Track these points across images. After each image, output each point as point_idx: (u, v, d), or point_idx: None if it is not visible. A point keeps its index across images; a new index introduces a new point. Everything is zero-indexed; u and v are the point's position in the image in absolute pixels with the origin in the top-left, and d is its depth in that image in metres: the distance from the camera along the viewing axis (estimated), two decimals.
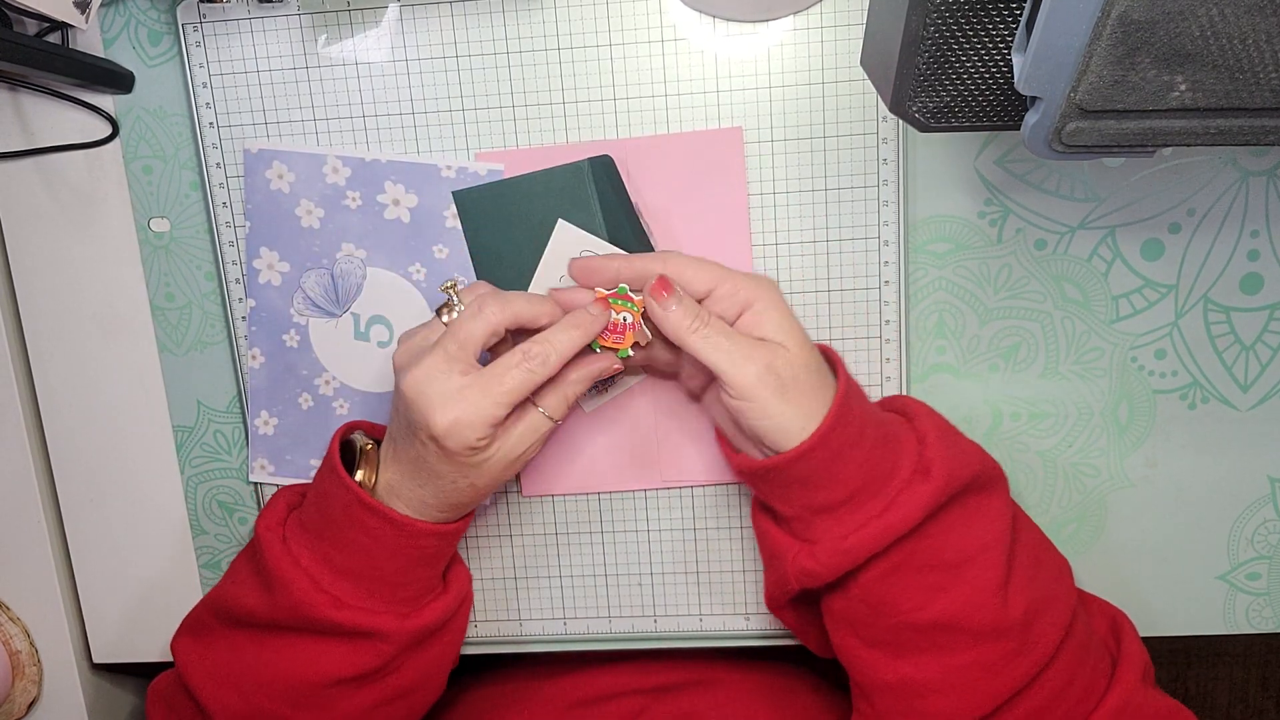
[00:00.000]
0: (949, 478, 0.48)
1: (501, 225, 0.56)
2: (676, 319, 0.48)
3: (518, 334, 0.52)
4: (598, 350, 0.52)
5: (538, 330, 0.50)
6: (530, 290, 0.55)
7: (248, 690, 0.53)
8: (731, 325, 0.49)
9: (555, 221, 0.55)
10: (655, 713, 0.60)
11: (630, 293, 0.51)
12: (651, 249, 0.56)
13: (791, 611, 0.55)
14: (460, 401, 0.48)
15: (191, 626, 0.57)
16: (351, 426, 0.56)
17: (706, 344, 0.48)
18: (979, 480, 0.50)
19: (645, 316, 0.51)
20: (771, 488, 0.51)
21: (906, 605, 0.49)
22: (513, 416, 0.50)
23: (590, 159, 0.55)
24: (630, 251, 0.55)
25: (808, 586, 0.51)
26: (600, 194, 0.54)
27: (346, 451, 0.54)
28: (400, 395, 0.49)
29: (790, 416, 0.48)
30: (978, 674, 0.48)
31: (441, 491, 0.51)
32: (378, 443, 0.55)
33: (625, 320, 0.51)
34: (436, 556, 0.54)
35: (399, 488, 0.52)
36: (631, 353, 0.52)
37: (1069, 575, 0.53)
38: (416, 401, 0.48)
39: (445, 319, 0.51)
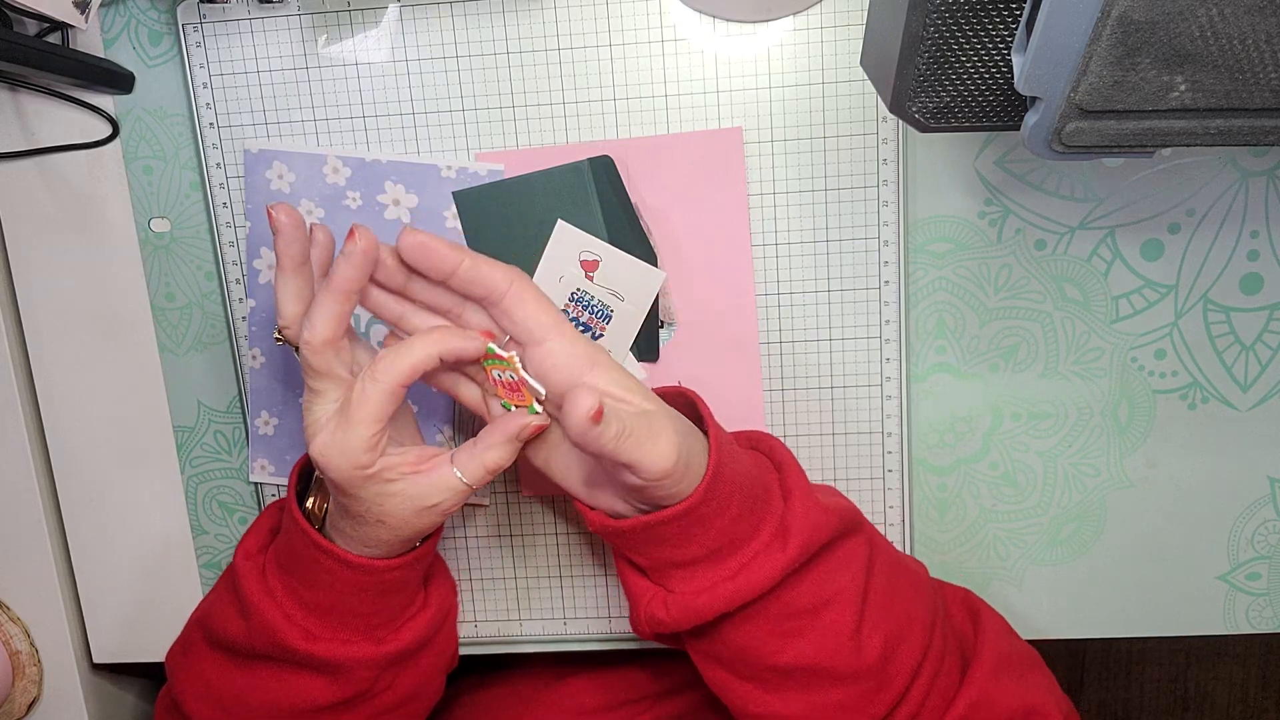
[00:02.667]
0: (806, 544, 0.48)
1: (501, 225, 0.56)
2: (609, 436, 0.43)
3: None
4: (508, 409, 0.49)
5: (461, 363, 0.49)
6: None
7: (237, 712, 0.53)
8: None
9: (555, 221, 0.55)
10: (660, 714, 0.60)
11: (498, 350, 0.47)
12: (651, 250, 0.56)
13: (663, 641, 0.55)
14: (328, 426, 0.46)
15: (183, 643, 0.57)
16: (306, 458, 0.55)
17: (628, 443, 0.44)
18: (837, 535, 0.50)
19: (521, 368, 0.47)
20: (629, 543, 0.50)
21: (764, 650, 0.49)
22: (427, 464, 0.48)
23: (590, 159, 0.55)
24: (631, 253, 0.55)
25: (659, 633, 0.51)
26: (600, 194, 0.55)
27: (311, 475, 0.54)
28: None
29: (687, 481, 0.46)
30: (840, 713, 0.49)
31: (361, 528, 0.49)
32: None
33: (511, 378, 0.48)
34: (402, 585, 0.52)
35: (336, 523, 0.51)
36: (539, 409, 0.48)
37: (924, 584, 0.54)
38: (309, 432, 0.47)
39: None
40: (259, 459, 0.61)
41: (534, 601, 0.63)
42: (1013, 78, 0.38)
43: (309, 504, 0.53)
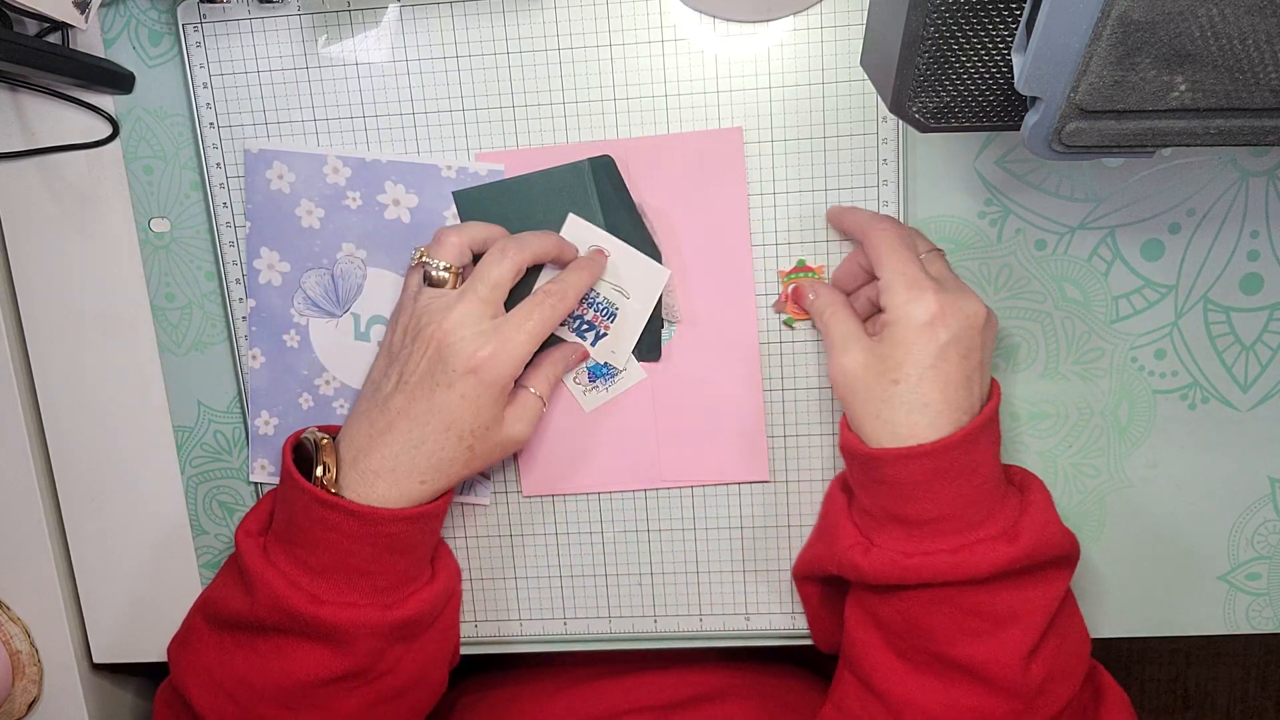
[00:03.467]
0: (1033, 551, 0.48)
1: (502, 225, 0.56)
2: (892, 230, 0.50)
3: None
4: (790, 325, 0.57)
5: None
6: (538, 283, 0.55)
7: (241, 696, 0.53)
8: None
9: (556, 221, 0.55)
10: None
11: (808, 263, 0.56)
12: (656, 249, 0.56)
13: (815, 589, 0.56)
14: (496, 335, 0.50)
15: (184, 633, 0.57)
16: (299, 434, 0.56)
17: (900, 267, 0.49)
18: (1057, 560, 0.51)
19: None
20: (867, 476, 0.50)
21: (940, 635, 0.50)
22: (512, 395, 0.53)
23: (591, 159, 0.55)
24: (634, 249, 0.55)
25: (848, 579, 0.51)
26: (601, 193, 0.55)
27: (304, 456, 0.54)
28: (433, 341, 0.50)
29: (943, 382, 0.48)
30: (975, 719, 0.49)
31: (440, 450, 0.51)
32: (332, 437, 0.54)
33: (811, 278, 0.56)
34: (410, 544, 0.53)
35: (388, 458, 0.51)
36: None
37: (1087, 649, 0.54)
38: (456, 343, 0.50)
39: (439, 276, 0.53)
40: (259, 459, 0.61)
41: (534, 601, 0.63)
42: (1013, 78, 0.38)
43: (318, 471, 0.52)
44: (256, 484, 0.62)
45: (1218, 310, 0.56)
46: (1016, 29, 0.37)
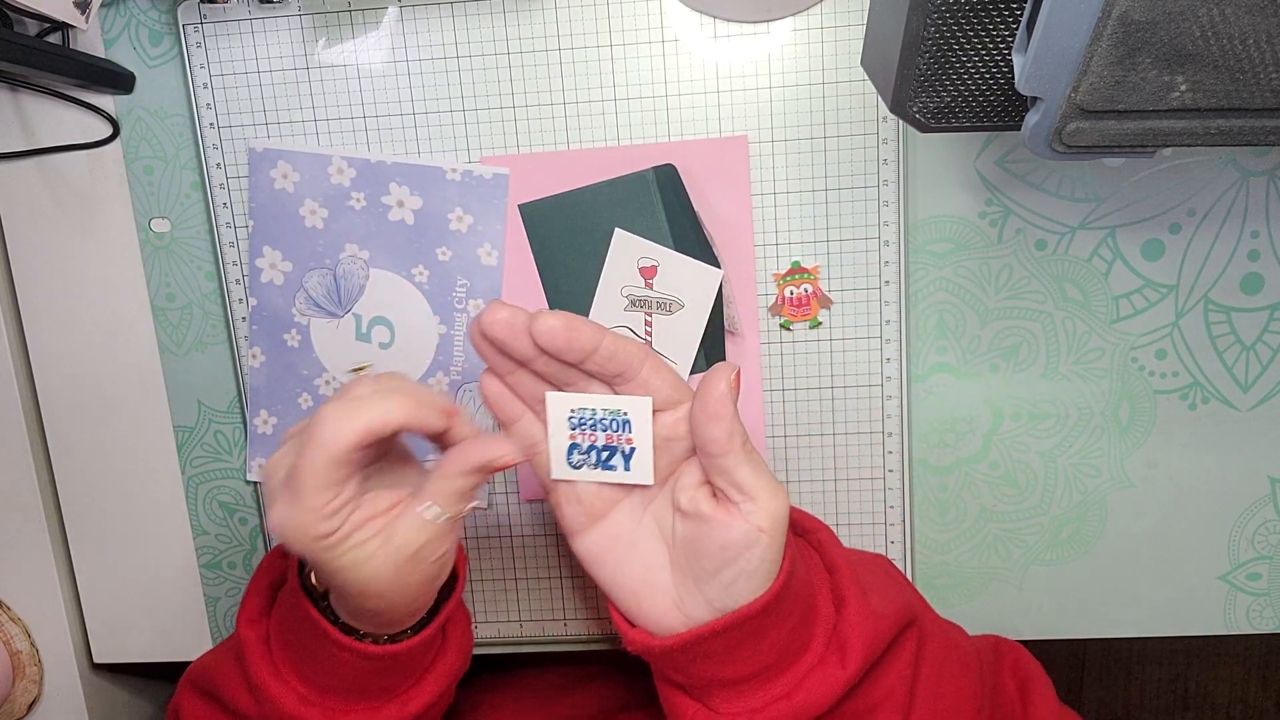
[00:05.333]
0: (866, 657, 0.44)
1: (566, 237, 0.56)
2: (738, 425, 0.41)
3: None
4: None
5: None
6: (595, 300, 0.54)
7: None
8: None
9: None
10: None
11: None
12: (715, 258, 0.56)
13: None
14: (280, 495, 0.41)
15: (197, 687, 0.52)
16: None
17: (752, 459, 0.42)
18: (894, 639, 0.47)
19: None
20: (674, 663, 0.44)
21: None
22: (395, 509, 0.43)
23: (654, 167, 0.54)
24: (694, 258, 0.54)
25: None
26: (665, 202, 0.54)
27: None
28: None
29: (778, 567, 0.42)
30: None
31: (348, 602, 0.43)
32: None
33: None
34: (422, 655, 0.48)
35: (335, 598, 0.46)
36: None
37: (972, 663, 0.51)
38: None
39: None
40: (258, 458, 0.61)
41: (534, 602, 0.63)
42: (1013, 78, 0.38)
43: (312, 576, 0.47)
44: (255, 483, 0.62)
45: (1218, 310, 0.57)
46: (1017, 29, 0.37)
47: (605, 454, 0.45)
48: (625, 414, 0.43)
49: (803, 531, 0.51)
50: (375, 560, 0.41)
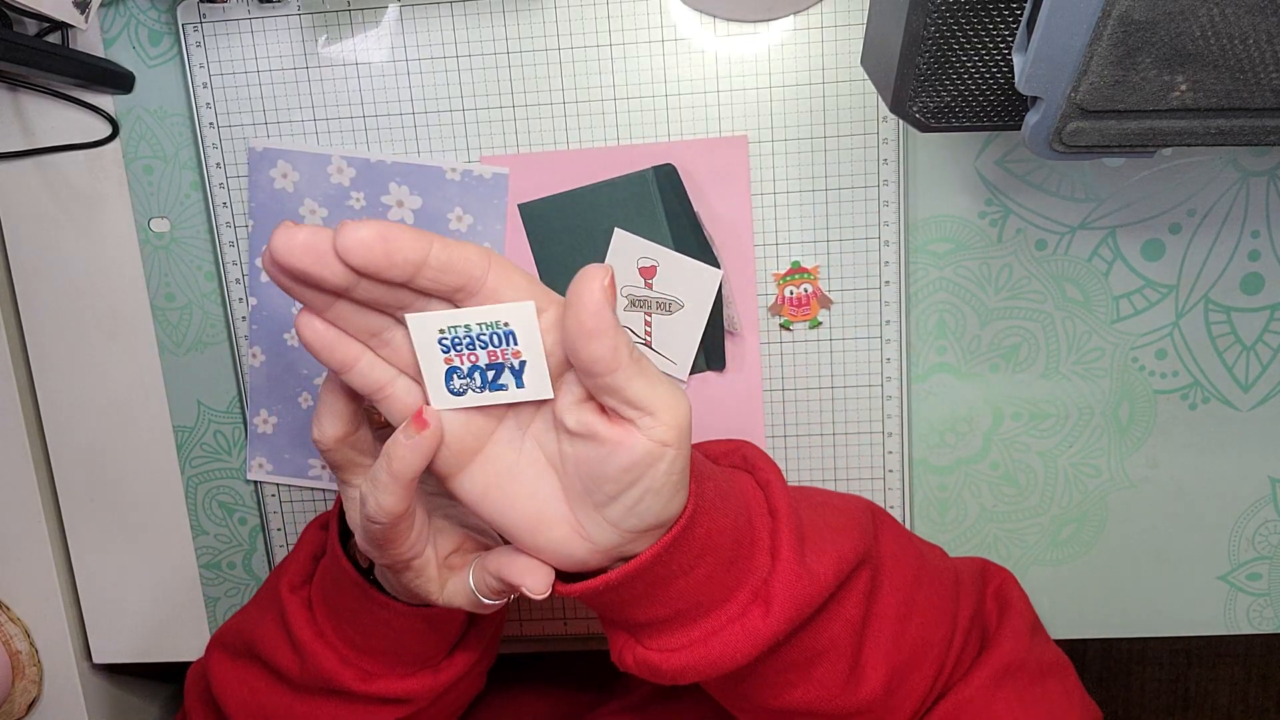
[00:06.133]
0: (793, 617, 0.41)
1: (565, 236, 0.56)
2: (622, 336, 0.36)
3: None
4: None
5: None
6: None
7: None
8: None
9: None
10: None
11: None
12: (714, 257, 0.55)
13: None
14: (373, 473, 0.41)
15: (229, 648, 0.54)
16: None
17: (644, 370, 0.36)
18: (832, 594, 0.44)
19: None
20: (587, 604, 0.43)
21: (756, 696, 0.45)
22: (454, 567, 0.45)
23: (654, 167, 0.54)
24: (694, 257, 0.54)
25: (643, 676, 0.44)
26: (665, 202, 0.54)
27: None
28: None
29: (686, 480, 0.39)
30: None
31: (396, 579, 0.45)
32: None
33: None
34: (455, 617, 0.49)
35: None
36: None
37: (947, 590, 0.50)
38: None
39: None
40: (257, 457, 0.61)
41: (534, 603, 0.63)
42: (1013, 77, 0.38)
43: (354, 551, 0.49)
44: (255, 483, 0.62)
45: (1218, 310, 0.56)
46: (1017, 29, 0.37)
47: (491, 373, 0.39)
48: (506, 324, 0.37)
49: (750, 468, 0.48)
50: (431, 581, 0.43)
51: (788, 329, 0.57)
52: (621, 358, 0.35)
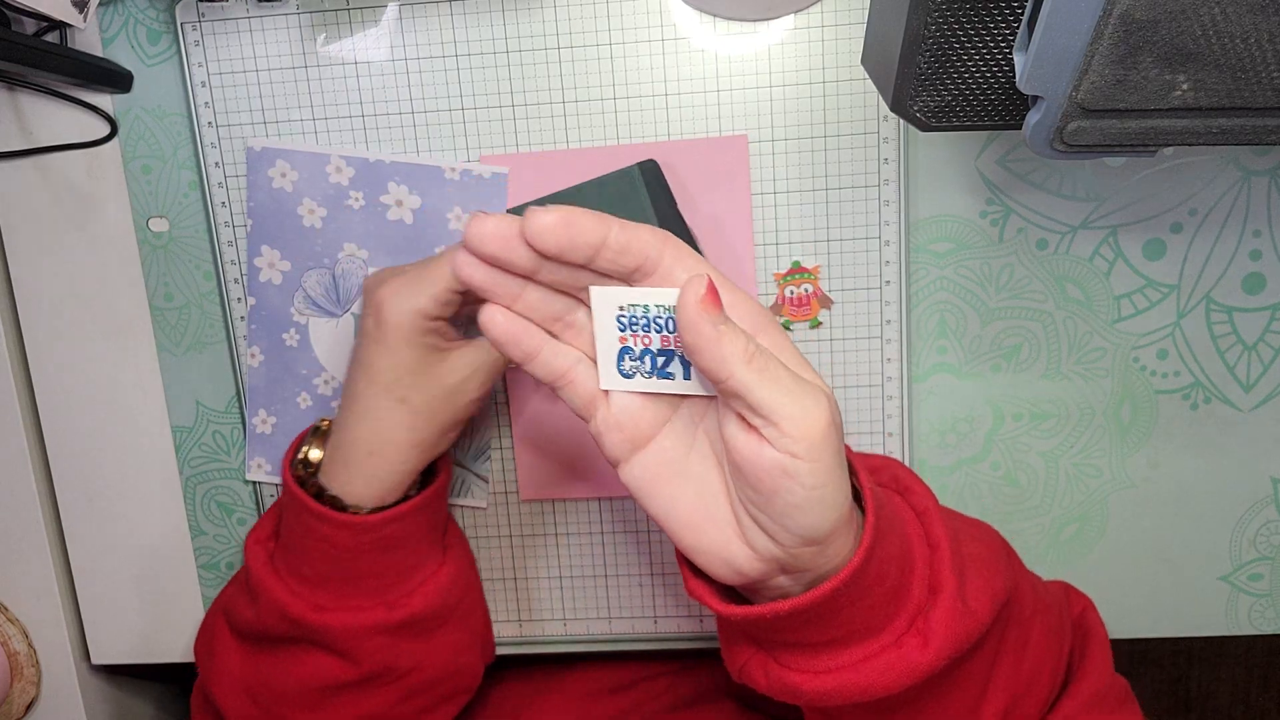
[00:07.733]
0: (951, 654, 0.41)
1: None
2: (731, 344, 0.34)
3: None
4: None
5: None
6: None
7: (264, 699, 0.53)
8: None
9: None
10: (678, 691, 0.60)
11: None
12: (699, 252, 0.55)
13: None
14: (405, 273, 0.48)
15: (207, 634, 0.57)
16: (310, 427, 0.55)
17: (765, 378, 0.35)
18: (988, 629, 0.44)
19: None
20: (734, 628, 0.43)
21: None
22: (460, 347, 0.50)
23: (639, 164, 0.54)
24: None
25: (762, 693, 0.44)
26: (653, 198, 0.54)
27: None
28: (366, 298, 0.49)
29: (840, 493, 0.37)
30: None
31: (375, 411, 0.48)
32: None
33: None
34: (402, 540, 0.51)
35: (344, 436, 0.50)
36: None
37: (1054, 624, 0.50)
38: (372, 288, 0.49)
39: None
40: (256, 458, 0.61)
41: (534, 603, 0.63)
42: (1014, 77, 0.38)
43: (310, 453, 0.52)
44: (254, 483, 0.62)
45: (1220, 310, 0.56)
46: (1018, 28, 0.37)
47: (661, 359, 0.38)
48: (672, 311, 0.36)
49: (903, 490, 0.47)
50: (432, 374, 0.48)
51: (788, 329, 0.57)
52: (732, 367, 0.34)
